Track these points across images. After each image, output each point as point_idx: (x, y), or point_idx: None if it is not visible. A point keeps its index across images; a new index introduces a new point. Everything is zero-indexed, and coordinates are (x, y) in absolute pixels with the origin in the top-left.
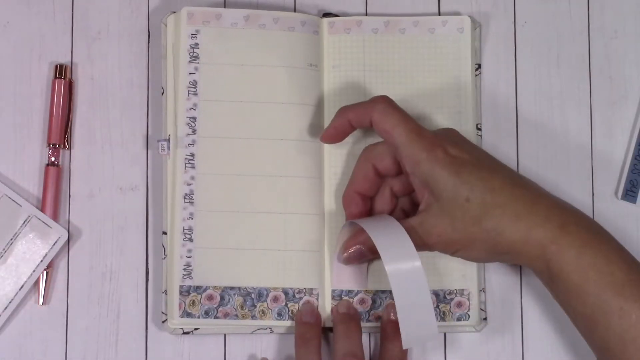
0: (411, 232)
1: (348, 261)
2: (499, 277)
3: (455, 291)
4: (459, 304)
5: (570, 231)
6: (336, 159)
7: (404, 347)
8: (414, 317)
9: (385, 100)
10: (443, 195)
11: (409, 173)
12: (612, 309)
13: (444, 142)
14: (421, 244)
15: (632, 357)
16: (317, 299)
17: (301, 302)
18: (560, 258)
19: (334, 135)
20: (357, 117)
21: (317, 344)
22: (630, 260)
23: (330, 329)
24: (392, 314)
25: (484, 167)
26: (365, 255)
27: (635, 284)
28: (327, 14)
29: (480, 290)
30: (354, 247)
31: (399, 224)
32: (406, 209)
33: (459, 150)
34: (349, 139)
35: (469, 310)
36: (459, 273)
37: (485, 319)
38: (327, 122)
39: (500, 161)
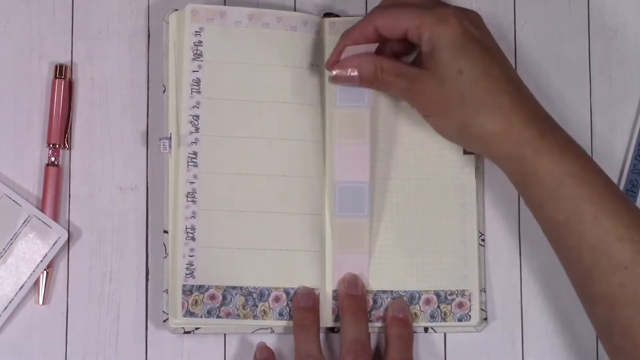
0: (402, 74)
1: (334, 80)
2: (499, 277)
3: (456, 292)
4: (460, 305)
5: (550, 139)
6: None
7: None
8: None
9: (380, 7)
10: (442, 59)
11: (421, 38)
12: (587, 217)
13: (462, 15)
14: (404, 88)
15: (601, 266)
16: (317, 297)
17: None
18: (536, 160)
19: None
20: (360, 34)
21: (316, 330)
22: (607, 177)
23: (331, 329)
24: (395, 312)
25: (490, 53)
26: (353, 80)
27: (612, 196)
28: (327, 14)
29: (481, 291)
30: (346, 71)
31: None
32: None
33: (474, 28)
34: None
35: (470, 310)
36: (460, 273)
37: (485, 319)
38: (328, 123)
39: (509, 63)
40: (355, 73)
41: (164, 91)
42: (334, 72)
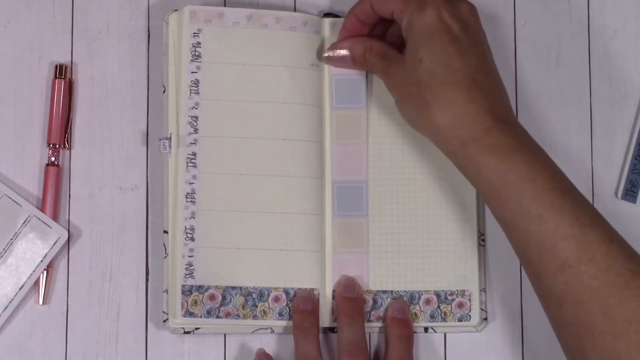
0: (384, 55)
1: (328, 61)
2: (499, 277)
3: (456, 292)
4: (460, 305)
5: (496, 136)
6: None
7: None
8: None
9: None
10: (409, 46)
11: (402, 22)
12: (531, 216)
13: (443, 5)
14: (382, 69)
15: (547, 265)
16: (317, 299)
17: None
18: (479, 157)
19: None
20: (360, 10)
21: (316, 332)
22: (556, 170)
23: (331, 329)
24: (395, 313)
25: (460, 46)
26: (345, 61)
27: (558, 192)
28: (327, 14)
29: (481, 291)
30: (339, 51)
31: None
32: None
33: (454, 20)
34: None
35: (470, 310)
36: (460, 274)
37: (485, 319)
38: (327, 122)
39: (484, 59)
40: (348, 53)
41: (164, 91)
42: (326, 54)
